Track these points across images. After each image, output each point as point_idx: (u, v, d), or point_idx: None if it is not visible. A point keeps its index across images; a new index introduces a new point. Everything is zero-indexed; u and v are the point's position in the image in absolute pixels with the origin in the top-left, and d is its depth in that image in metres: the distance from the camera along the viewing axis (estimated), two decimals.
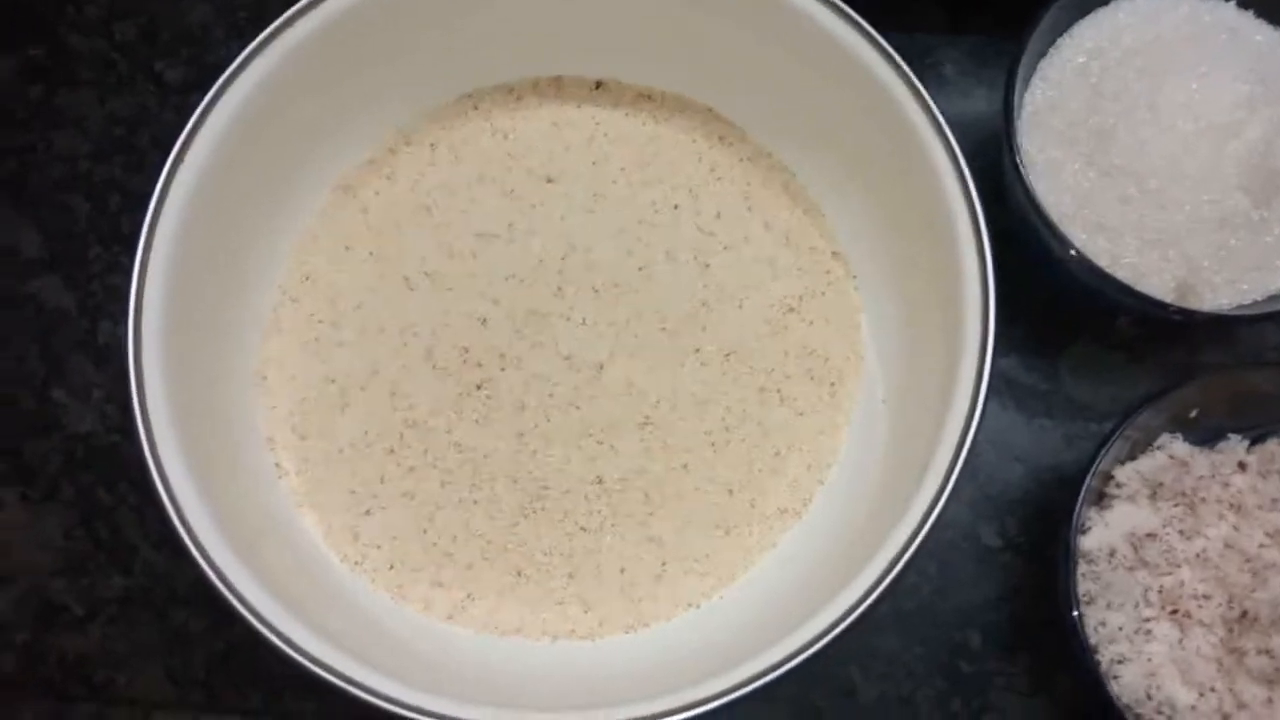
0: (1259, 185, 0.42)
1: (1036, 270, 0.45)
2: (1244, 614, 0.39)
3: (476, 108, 0.48)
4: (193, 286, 0.39)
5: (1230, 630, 0.40)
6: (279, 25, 0.40)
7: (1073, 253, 0.42)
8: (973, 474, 0.47)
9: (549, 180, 0.46)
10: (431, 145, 0.47)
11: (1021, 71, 0.45)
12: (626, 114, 0.49)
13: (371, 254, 0.46)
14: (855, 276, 0.46)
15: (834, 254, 0.47)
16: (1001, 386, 0.49)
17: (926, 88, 0.40)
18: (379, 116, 0.46)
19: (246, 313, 0.43)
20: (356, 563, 0.42)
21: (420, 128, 0.47)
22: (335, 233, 0.46)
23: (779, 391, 0.44)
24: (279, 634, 0.34)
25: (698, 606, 0.41)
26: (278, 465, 0.43)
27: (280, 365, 0.44)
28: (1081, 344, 0.49)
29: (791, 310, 0.45)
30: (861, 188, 0.45)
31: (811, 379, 0.44)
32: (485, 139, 0.47)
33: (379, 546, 0.41)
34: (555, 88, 0.49)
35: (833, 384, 0.44)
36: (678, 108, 0.48)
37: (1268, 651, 0.39)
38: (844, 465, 0.44)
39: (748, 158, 0.48)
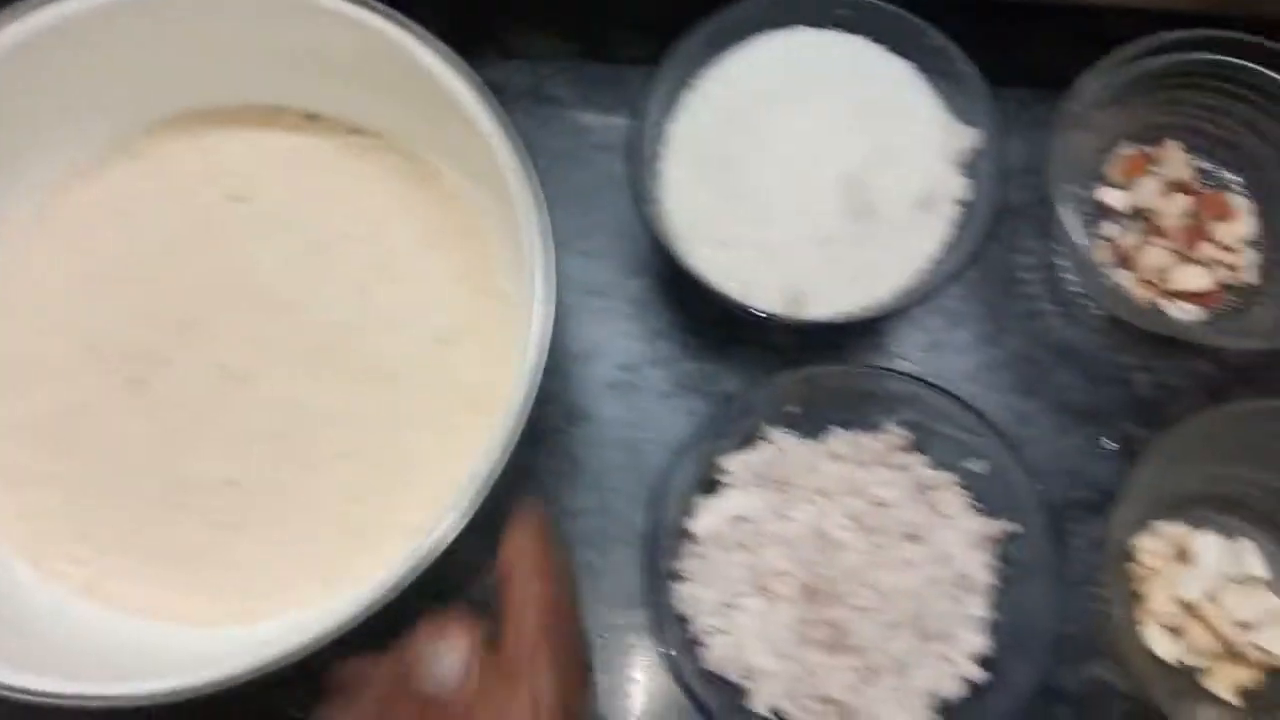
0: (855, 206, 0.47)
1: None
2: (813, 588, 0.44)
3: (190, 127, 0.52)
4: None
5: (804, 604, 0.44)
6: None
7: (686, 267, 0.47)
8: (641, 470, 0.52)
9: (240, 200, 0.51)
10: (138, 157, 0.52)
11: (665, 101, 0.50)
12: (335, 147, 0.53)
13: (56, 249, 0.50)
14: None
15: (501, 293, 0.50)
16: (675, 388, 0.54)
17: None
18: (95, 125, 0.51)
19: None
20: None
21: (135, 140, 0.52)
22: (14, 220, 0.49)
23: (421, 415, 0.48)
24: None
25: (315, 608, 0.44)
26: None
27: None
28: (744, 347, 0.54)
29: (448, 342, 0.49)
30: None
31: (461, 407, 0.48)
32: (191, 157, 0.52)
33: (23, 520, 0.46)
34: (273, 116, 0.54)
35: (480, 413, 0.48)
36: (384, 146, 0.53)
37: (828, 622, 0.43)
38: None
39: (440, 199, 0.52)
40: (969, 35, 0.48)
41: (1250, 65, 0.51)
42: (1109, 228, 0.55)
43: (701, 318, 0.55)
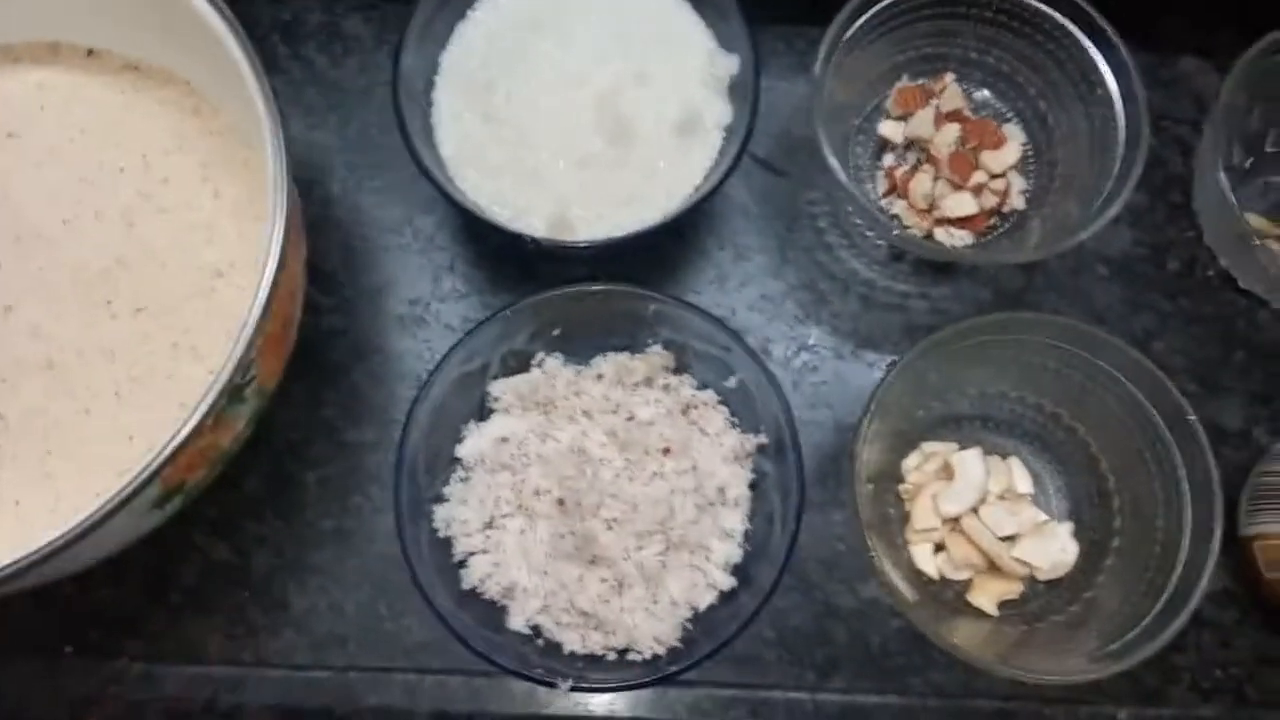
0: (611, 129, 0.48)
1: None
2: (567, 502, 0.44)
3: None
4: None
5: (560, 519, 0.45)
6: None
7: (453, 194, 0.47)
8: None
9: (10, 135, 0.50)
10: None
11: (440, 31, 0.50)
12: (112, 83, 0.53)
13: None
14: None
15: None
16: (464, 322, 0.54)
17: None
18: None
19: None
20: None
21: None
22: None
23: (194, 349, 0.48)
24: None
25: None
26: None
27: None
28: (534, 280, 0.54)
29: (220, 275, 0.49)
30: None
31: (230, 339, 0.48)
32: None
33: None
34: (51, 52, 0.53)
35: None
36: (161, 80, 0.52)
37: (580, 534, 0.44)
38: None
39: (216, 131, 0.51)
40: None
41: None
42: (888, 159, 0.56)
43: (492, 251, 0.55)
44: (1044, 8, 0.52)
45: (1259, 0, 0.53)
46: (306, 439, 0.52)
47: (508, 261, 0.55)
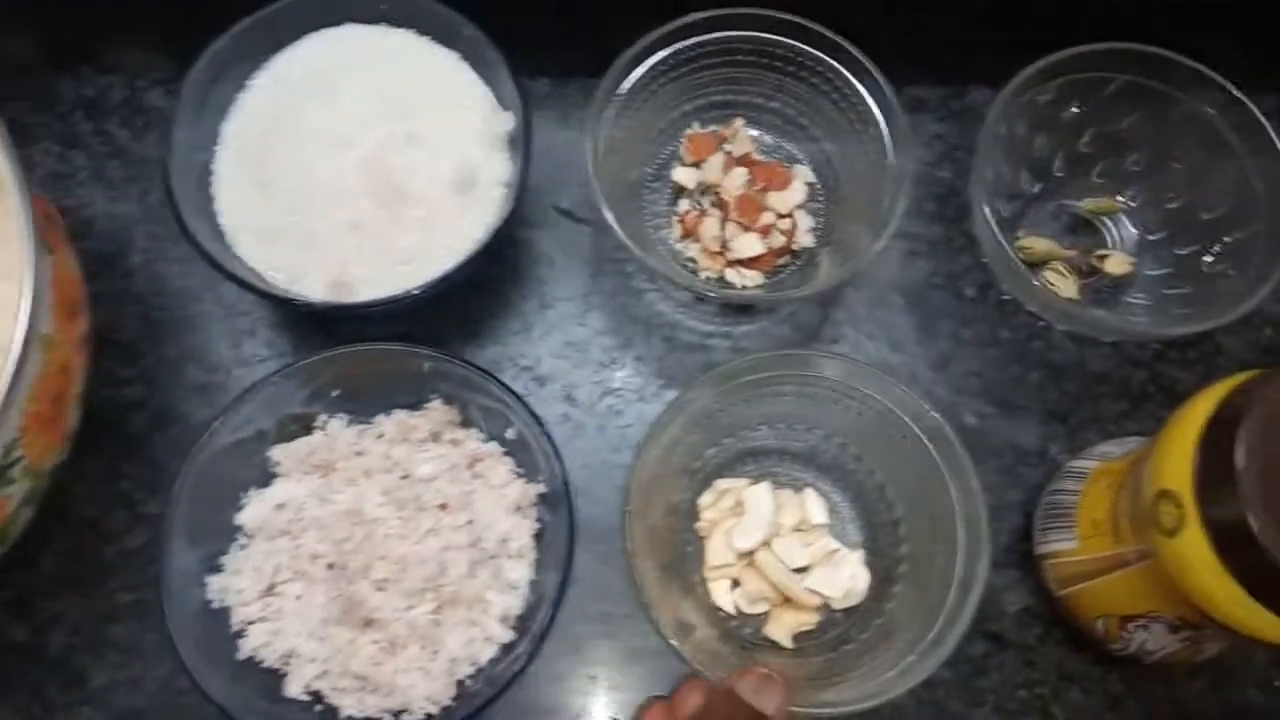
0: (380, 190, 0.48)
1: None
2: (337, 565, 0.44)
3: None
4: None
5: (334, 583, 0.45)
6: None
7: (224, 262, 0.47)
8: None
9: None
10: None
11: (219, 103, 0.51)
12: None
13: None
14: None
15: None
16: None
17: None
18: None
19: None
20: None
21: None
22: None
23: None
24: None
25: None
26: None
27: None
28: (333, 339, 0.54)
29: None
30: None
31: None
32: None
33: None
34: None
35: None
36: None
37: (350, 598, 0.44)
38: None
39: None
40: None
41: (788, 41, 0.53)
42: (683, 204, 0.57)
43: (294, 315, 0.55)
44: (815, 51, 0.53)
45: (1046, 32, 0.54)
46: (105, 512, 0.52)
47: (309, 324, 0.55)
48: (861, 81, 0.52)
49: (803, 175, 0.56)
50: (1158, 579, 0.41)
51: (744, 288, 0.54)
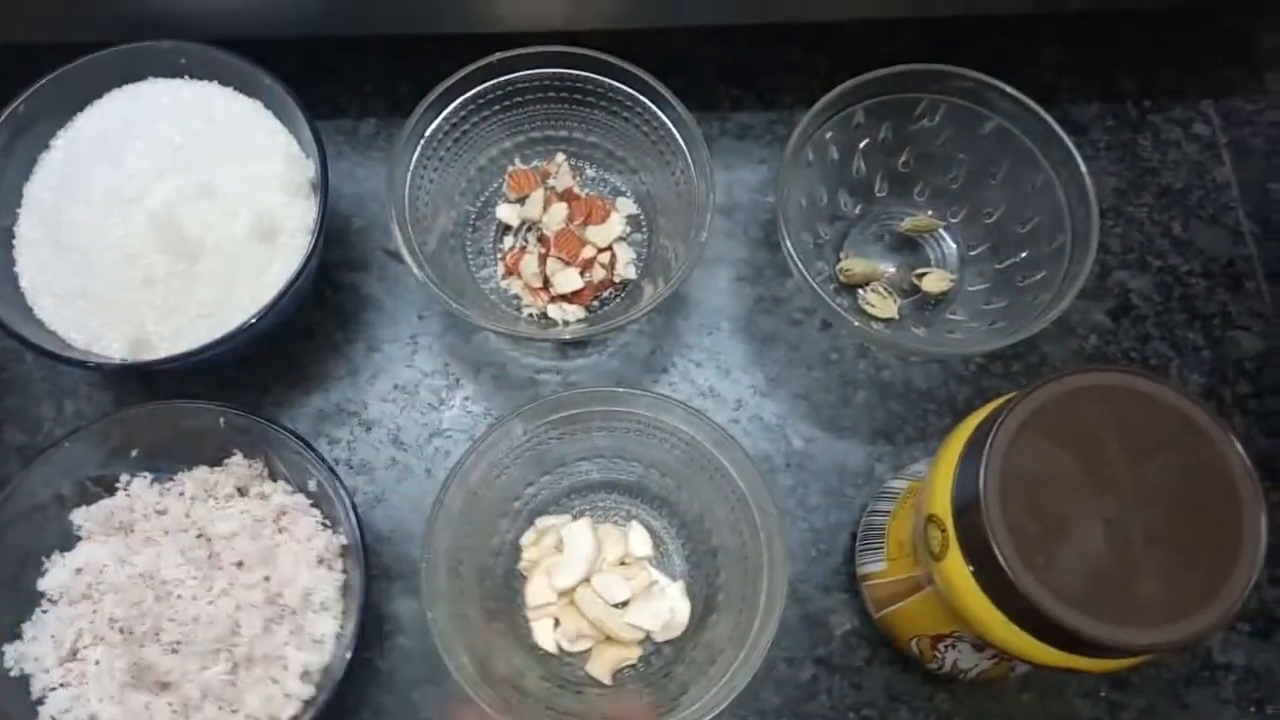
0: (172, 244, 0.48)
1: None
2: (127, 629, 0.44)
3: None
4: None
5: (130, 647, 0.44)
6: None
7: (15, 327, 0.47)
8: None
9: None
10: None
11: (21, 164, 0.51)
12: None
13: None
14: None
15: None
16: None
17: None
18: None
19: None
20: None
21: None
22: None
23: None
24: None
25: None
26: None
27: None
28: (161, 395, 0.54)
29: None
30: None
31: None
32: None
33: None
34: None
35: None
36: None
37: (143, 663, 0.43)
38: None
39: None
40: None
41: (594, 76, 0.54)
42: (509, 241, 0.57)
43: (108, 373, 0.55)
44: (620, 85, 0.53)
45: (869, 56, 0.54)
46: None
47: (134, 382, 0.55)
48: (665, 113, 0.53)
49: (625, 208, 0.57)
50: (943, 601, 0.41)
51: (566, 323, 0.54)
